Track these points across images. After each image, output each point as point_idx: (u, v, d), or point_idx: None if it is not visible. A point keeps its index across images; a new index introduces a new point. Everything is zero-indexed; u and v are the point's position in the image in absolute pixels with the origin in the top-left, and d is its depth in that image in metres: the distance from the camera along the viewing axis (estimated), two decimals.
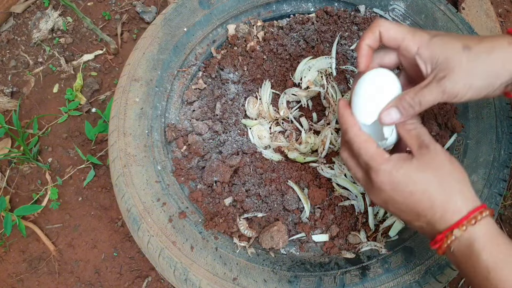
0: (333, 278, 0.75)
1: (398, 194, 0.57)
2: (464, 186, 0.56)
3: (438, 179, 0.56)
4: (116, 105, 0.92)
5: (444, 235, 0.55)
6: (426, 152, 0.57)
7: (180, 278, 0.76)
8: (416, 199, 0.56)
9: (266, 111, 0.97)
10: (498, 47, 0.57)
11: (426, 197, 0.56)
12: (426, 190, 0.55)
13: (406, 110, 0.59)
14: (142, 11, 1.62)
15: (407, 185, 0.56)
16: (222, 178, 0.85)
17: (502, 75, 0.57)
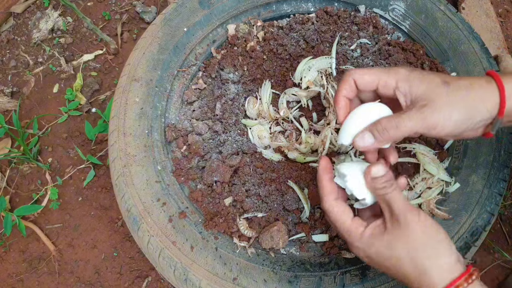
0: (333, 278, 0.75)
1: (377, 265, 0.60)
2: (441, 256, 0.56)
3: (410, 256, 0.56)
4: (116, 105, 0.92)
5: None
6: (396, 226, 0.57)
7: (180, 278, 0.76)
8: (394, 272, 0.58)
9: (266, 111, 0.97)
10: (476, 85, 0.57)
11: (401, 273, 0.57)
12: (400, 267, 0.57)
13: (380, 134, 0.57)
14: (142, 11, 1.62)
15: (382, 260, 0.58)
16: (222, 178, 0.85)
17: (481, 111, 0.57)
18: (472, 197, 0.79)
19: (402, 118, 0.56)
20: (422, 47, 0.99)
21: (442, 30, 0.98)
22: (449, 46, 0.96)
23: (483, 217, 0.77)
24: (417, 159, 0.85)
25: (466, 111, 0.57)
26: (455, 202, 0.80)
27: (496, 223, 1.23)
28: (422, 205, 0.82)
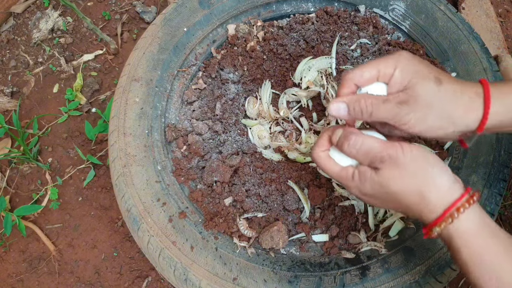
0: (333, 278, 0.75)
1: (376, 198, 0.59)
2: (436, 179, 0.55)
3: (405, 188, 0.56)
4: (116, 105, 0.92)
5: (428, 229, 0.57)
6: (384, 166, 0.56)
7: (180, 278, 0.76)
8: (393, 205, 0.59)
9: (266, 111, 0.97)
10: (466, 96, 0.56)
11: (401, 205, 0.57)
12: (398, 200, 0.57)
13: (355, 111, 0.58)
14: (142, 11, 1.62)
15: (378, 195, 0.58)
16: (222, 178, 0.85)
17: (458, 125, 0.57)
18: None
19: (379, 109, 0.56)
20: (422, 47, 0.99)
21: (442, 30, 0.98)
22: (449, 46, 0.96)
23: None
24: None
25: (443, 120, 0.56)
26: None
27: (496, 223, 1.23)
28: None
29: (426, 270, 0.73)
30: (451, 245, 0.56)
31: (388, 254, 0.76)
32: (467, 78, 0.91)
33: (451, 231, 0.55)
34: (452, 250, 0.56)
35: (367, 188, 0.58)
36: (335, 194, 0.84)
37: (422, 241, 0.76)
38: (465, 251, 0.54)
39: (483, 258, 0.53)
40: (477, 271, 0.54)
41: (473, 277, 0.54)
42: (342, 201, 0.83)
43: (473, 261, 0.54)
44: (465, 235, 0.54)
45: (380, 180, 0.56)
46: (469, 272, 0.55)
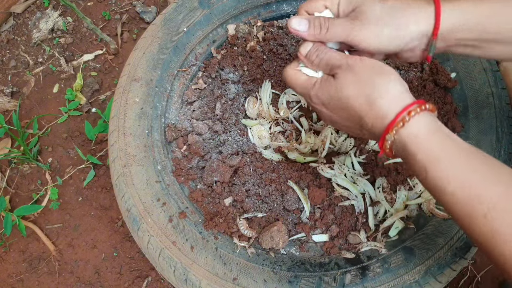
0: (333, 278, 0.75)
1: (332, 109, 0.61)
2: (390, 85, 0.56)
3: (359, 92, 0.57)
4: (116, 105, 0.92)
5: (382, 141, 0.56)
6: (341, 72, 0.59)
7: (180, 278, 0.76)
8: (347, 111, 0.59)
9: (266, 111, 0.97)
10: (414, 5, 0.59)
11: (353, 110, 0.58)
12: (351, 106, 0.58)
13: (314, 28, 0.62)
14: (142, 11, 1.62)
15: (334, 104, 0.60)
16: (222, 178, 0.85)
17: (412, 31, 0.59)
18: None
19: (334, 24, 0.60)
20: None
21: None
22: None
23: None
24: None
25: (395, 30, 0.59)
26: None
27: None
28: (422, 205, 0.82)
29: (426, 270, 0.73)
30: (407, 155, 0.54)
31: (388, 254, 0.76)
32: (467, 78, 0.91)
33: (404, 137, 0.53)
34: (409, 161, 0.54)
35: (325, 95, 0.61)
36: (335, 194, 0.84)
37: (422, 241, 0.76)
38: (421, 156, 0.52)
39: (440, 158, 0.51)
40: (435, 173, 0.51)
41: (432, 180, 0.52)
42: (342, 201, 0.83)
43: (430, 163, 0.51)
44: (418, 139, 0.53)
45: (335, 84, 0.59)
46: (427, 178, 0.52)
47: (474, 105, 0.88)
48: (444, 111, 0.89)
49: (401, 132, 0.53)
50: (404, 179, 0.84)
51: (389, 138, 0.54)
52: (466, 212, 0.49)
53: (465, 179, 0.50)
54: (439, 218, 0.79)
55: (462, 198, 0.49)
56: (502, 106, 0.86)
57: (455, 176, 0.50)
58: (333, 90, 0.59)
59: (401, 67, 0.96)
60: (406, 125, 0.53)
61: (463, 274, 1.17)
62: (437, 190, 0.52)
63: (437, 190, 0.52)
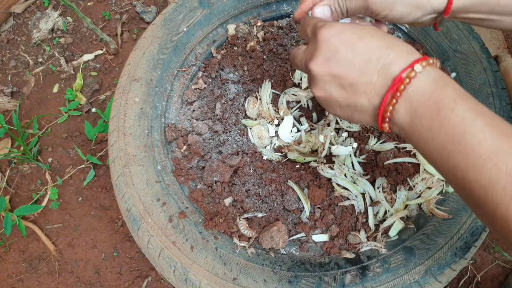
0: (333, 278, 0.75)
1: (344, 47, 0.50)
2: (399, 41, 0.52)
3: (372, 33, 0.51)
4: (116, 105, 0.92)
5: (401, 76, 0.46)
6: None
7: (180, 278, 0.76)
8: (367, 42, 0.49)
9: (266, 111, 0.97)
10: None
11: (377, 37, 0.50)
12: (375, 33, 0.50)
13: (336, 10, 0.62)
14: (142, 11, 1.62)
15: (355, 36, 0.50)
16: (222, 178, 0.85)
17: (426, 8, 0.60)
18: None
19: (352, 2, 0.61)
20: (422, 47, 0.99)
21: (442, 30, 0.98)
22: (449, 46, 0.96)
23: None
24: (417, 159, 0.85)
25: (410, 6, 0.59)
26: (455, 202, 0.80)
27: None
28: (422, 205, 0.82)
29: (426, 270, 0.73)
30: (440, 98, 0.45)
31: (388, 254, 0.76)
32: (467, 78, 0.91)
33: (441, 75, 0.46)
34: (434, 111, 0.45)
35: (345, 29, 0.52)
36: (335, 194, 0.84)
37: (422, 241, 0.76)
38: (465, 105, 0.44)
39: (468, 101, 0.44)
40: (486, 136, 0.42)
41: (474, 142, 0.42)
42: (342, 201, 0.83)
43: (478, 120, 0.43)
44: (457, 85, 0.46)
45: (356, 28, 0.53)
46: (465, 137, 0.42)
47: None
48: None
49: (434, 70, 0.47)
50: (404, 179, 0.84)
51: (418, 68, 0.46)
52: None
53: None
54: (439, 218, 0.79)
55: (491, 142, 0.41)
56: (502, 106, 0.86)
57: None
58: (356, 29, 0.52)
59: None
60: (438, 65, 0.48)
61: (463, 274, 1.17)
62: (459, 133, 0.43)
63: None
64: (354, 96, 0.50)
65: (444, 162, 0.45)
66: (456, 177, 0.44)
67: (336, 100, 0.52)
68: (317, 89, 0.53)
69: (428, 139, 0.46)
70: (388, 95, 0.47)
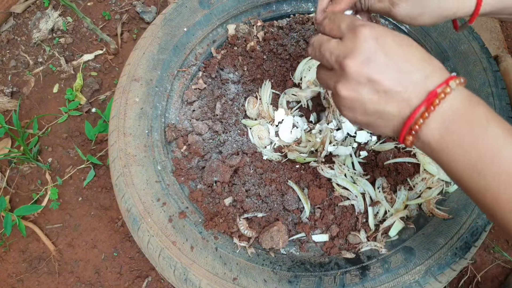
0: (333, 278, 0.75)
1: (386, 52, 0.48)
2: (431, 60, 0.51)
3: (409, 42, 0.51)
4: (116, 105, 0.92)
5: (436, 91, 0.46)
6: None
7: (180, 278, 0.76)
8: (407, 52, 0.49)
9: (266, 111, 0.97)
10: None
11: (415, 48, 0.49)
12: (412, 44, 0.50)
13: (358, 11, 0.64)
14: (142, 11, 1.62)
15: (396, 42, 0.49)
16: (222, 178, 0.85)
17: (453, 13, 0.60)
18: None
19: (375, 5, 0.61)
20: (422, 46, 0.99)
21: (442, 30, 0.98)
22: (449, 46, 0.96)
23: (483, 217, 0.77)
24: (417, 159, 0.85)
25: (436, 19, 0.60)
26: (455, 202, 0.80)
27: None
28: (422, 205, 0.82)
29: (426, 270, 0.73)
30: (474, 115, 0.45)
31: (388, 254, 0.76)
32: (467, 78, 0.91)
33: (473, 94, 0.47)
34: (467, 129, 0.45)
35: (385, 34, 0.49)
36: (335, 194, 0.84)
37: (422, 241, 0.76)
38: (498, 124, 0.45)
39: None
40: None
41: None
42: (342, 201, 0.83)
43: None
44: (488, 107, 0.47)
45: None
46: (499, 157, 0.43)
47: None
48: None
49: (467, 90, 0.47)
50: (404, 179, 0.84)
51: (453, 85, 0.46)
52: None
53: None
54: (439, 218, 0.79)
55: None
56: (502, 106, 0.86)
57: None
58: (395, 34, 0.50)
59: None
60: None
61: (463, 274, 1.17)
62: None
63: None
64: (385, 103, 0.48)
65: (473, 182, 0.45)
66: (485, 198, 0.45)
67: (364, 103, 0.49)
68: (347, 88, 0.49)
69: (458, 157, 0.46)
70: (421, 107, 0.46)
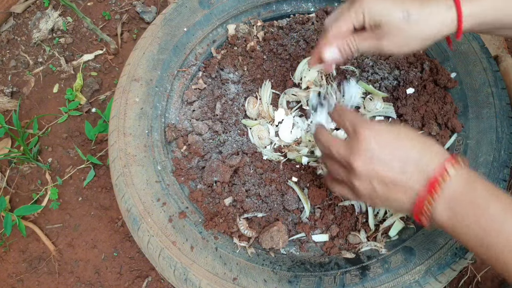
0: (333, 278, 0.75)
1: (385, 148, 0.55)
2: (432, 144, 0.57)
3: (414, 134, 0.57)
4: (116, 105, 0.92)
5: (436, 178, 0.52)
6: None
7: (180, 278, 0.76)
8: (405, 144, 0.55)
9: (266, 111, 0.97)
10: (438, 14, 0.61)
11: (414, 139, 0.55)
12: (413, 138, 0.56)
13: (345, 51, 0.66)
14: (142, 11, 1.62)
15: (392, 137, 0.56)
16: (222, 178, 0.85)
17: (437, 38, 0.64)
18: None
19: (362, 44, 0.64)
20: None
21: None
22: None
23: None
24: None
25: (422, 40, 0.63)
26: None
27: None
28: None
29: (426, 270, 0.73)
30: (472, 195, 0.51)
31: (388, 254, 0.76)
32: (467, 78, 0.91)
33: (471, 174, 0.53)
34: (469, 208, 0.51)
35: (385, 133, 0.56)
36: (335, 194, 0.84)
37: (422, 241, 0.76)
38: (497, 202, 0.50)
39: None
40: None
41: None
42: (342, 201, 0.83)
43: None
44: (486, 182, 0.53)
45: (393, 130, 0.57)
46: (502, 230, 0.49)
47: (474, 105, 0.88)
48: (444, 111, 0.89)
49: (465, 169, 0.53)
50: None
51: (451, 170, 0.52)
52: None
53: None
54: None
55: None
56: (502, 106, 0.86)
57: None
58: (396, 131, 0.57)
59: (401, 67, 0.96)
60: (466, 166, 0.54)
61: (463, 274, 1.17)
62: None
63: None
64: (395, 192, 0.56)
65: (484, 253, 0.52)
66: (498, 264, 0.51)
67: (378, 194, 0.57)
68: (362, 185, 0.57)
69: (467, 234, 0.52)
70: (425, 195, 0.53)
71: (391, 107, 0.92)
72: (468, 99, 0.89)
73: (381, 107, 0.92)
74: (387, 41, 0.62)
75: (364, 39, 0.64)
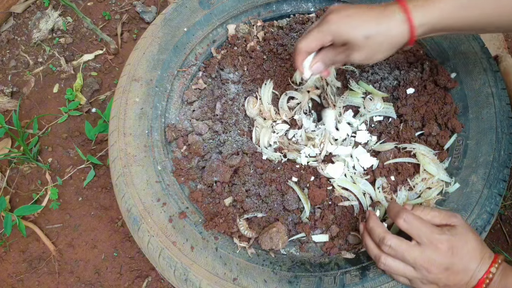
0: (333, 278, 0.75)
1: (457, 257, 0.66)
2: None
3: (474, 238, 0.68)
4: (116, 105, 0.92)
5: (484, 278, 0.65)
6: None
7: (180, 278, 0.76)
8: (469, 249, 0.66)
9: (267, 111, 0.97)
10: (393, 31, 0.69)
11: (475, 242, 0.66)
12: (473, 237, 0.67)
13: (326, 64, 0.77)
14: (142, 11, 1.62)
15: (466, 244, 0.66)
16: (222, 178, 0.85)
17: (395, 48, 0.72)
18: (471, 198, 0.79)
19: (337, 58, 0.75)
20: (422, 47, 0.99)
21: None
22: (449, 46, 0.96)
23: (483, 217, 0.77)
24: (417, 159, 0.85)
25: (384, 52, 0.72)
26: (454, 202, 0.80)
27: (496, 223, 1.23)
28: (422, 205, 0.82)
29: None
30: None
31: None
32: (467, 78, 0.91)
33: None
34: None
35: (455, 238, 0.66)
36: (335, 194, 0.84)
37: None
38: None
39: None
40: None
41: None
42: (342, 201, 0.83)
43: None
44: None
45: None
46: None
47: (474, 105, 0.88)
48: (444, 111, 0.89)
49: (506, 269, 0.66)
50: (404, 179, 0.84)
51: (493, 270, 0.65)
52: None
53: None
54: None
55: None
56: (502, 106, 0.86)
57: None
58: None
59: (401, 67, 0.96)
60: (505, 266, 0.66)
61: None
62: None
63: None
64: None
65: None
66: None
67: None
68: (427, 285, 0.68)
69: None
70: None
71: (391, 107, 0.92)
72: (468, 99, 0.89)
73: (381, 107, 0.92)
74: (355, 55, 0.72)
75: (339, 54, 0.74)
